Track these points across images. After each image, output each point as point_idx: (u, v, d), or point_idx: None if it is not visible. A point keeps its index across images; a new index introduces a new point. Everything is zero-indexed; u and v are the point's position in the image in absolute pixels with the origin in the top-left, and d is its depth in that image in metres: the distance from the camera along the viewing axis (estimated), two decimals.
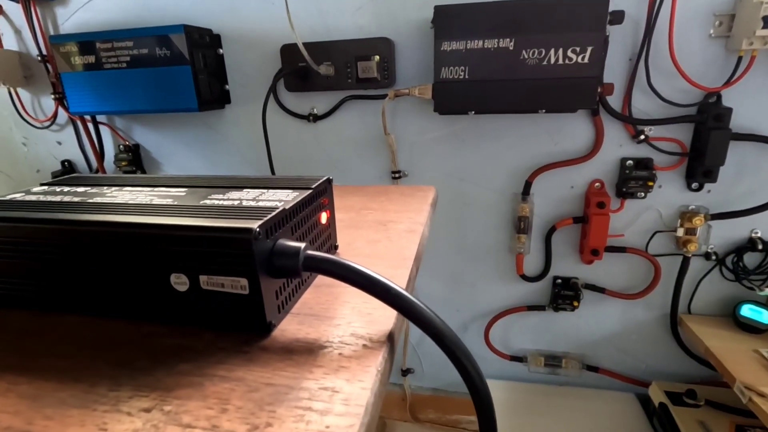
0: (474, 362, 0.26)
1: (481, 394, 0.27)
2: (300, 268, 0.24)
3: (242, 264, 0.23)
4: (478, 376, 0.26)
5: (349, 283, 0.24)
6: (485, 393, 0.27)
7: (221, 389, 0.20)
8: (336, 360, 0.22)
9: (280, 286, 0.25)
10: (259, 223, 0.23)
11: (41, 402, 0.20)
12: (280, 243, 0.24)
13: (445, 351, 0.25)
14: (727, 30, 0.77)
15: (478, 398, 0.27)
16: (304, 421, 0.18)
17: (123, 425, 0.18)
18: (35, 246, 0.26)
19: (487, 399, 0.27)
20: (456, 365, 0.25)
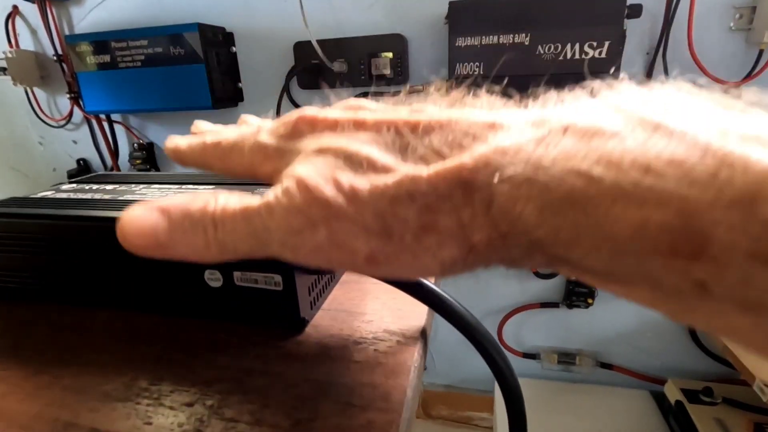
0: (505, 357, 0.26)
1: (511, 388, 0.27)
2: None
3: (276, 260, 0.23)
4: (509, 370, 0.26)
5: (381, 279, 0.24)
6: (516, 387, 0.27)
7: (261, 384, 0.20)
8: (372, 356, 0.22)
9: (312, 281, 0.26)
10: None
11: (86, 395, 0.20)
12: None
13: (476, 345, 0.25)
14: (748, 23, 0.76)
15: (509, 393, 0.27)
16: (346, 416, 0.18)
17: (167, 419, 0.19)
18: (70, 243, 0.27)
19: (518, 393, 0.27)
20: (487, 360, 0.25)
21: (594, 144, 0.11)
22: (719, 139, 0.10)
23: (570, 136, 0.12)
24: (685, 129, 0.10)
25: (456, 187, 0.13)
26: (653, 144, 0.10)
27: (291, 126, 0.17)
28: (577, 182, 0.11)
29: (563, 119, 0.12)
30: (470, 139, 0.13)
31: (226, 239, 0.16)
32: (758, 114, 0.11)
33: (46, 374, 0.22)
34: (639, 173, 0.10)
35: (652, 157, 0.10)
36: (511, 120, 0.13)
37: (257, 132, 0.18)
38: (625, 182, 0.10)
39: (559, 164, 0.11)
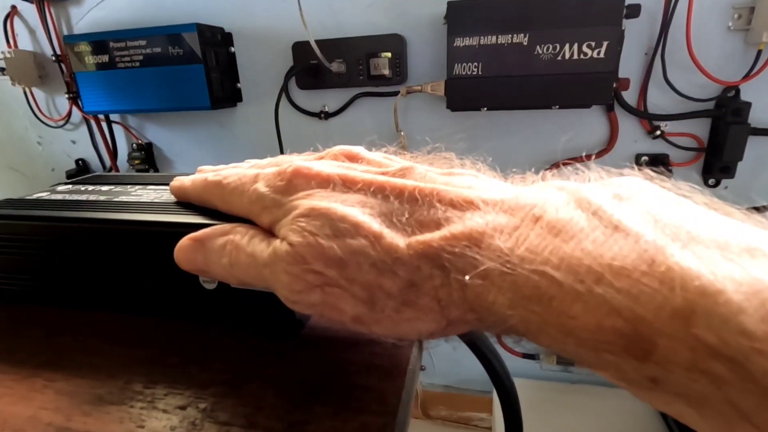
0: (500, 359, 0.26)
1: (507, 390, 0.27)
2: None
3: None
4: (505, 373, 0.26)
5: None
6: (511, 389, 0.27)
7: (255, 387, 0.20)
8: (368, 358, 0.22)
9: None
10: None
11: (79, 399, 0.20)
12: None
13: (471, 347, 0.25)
14: (747, 23, 0.76)
15: (505, 395, 0.27)
16: (341, 419, 0.18)
17: (160, 422, 0.19)
18: (64, 245, 0.27)
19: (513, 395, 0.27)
20: (482, 362, 0.25)
21: (557, 243, 0.13)
22: (667, 248, 0.11)
23: (538, 230, 0.13)
24: (639, 232, 0.12)
25: (435, 267, 0.14)
26: (609, 247, 0.12)
27: (287, 180, 0.18)
28: (541, 281, 0.12)
29: (535, 210, 0.14)
30: (449, 214, 0.15)
31: (240, 276, 0.19)
32: (690, 209, 0.13)
33: (40, 377, 0.22)
34: (593, 282, 0.11)
35: (606, 264, 0.11)
36: (489, 200, 0.15)
37: (255, 179, 0.20)
38: (581, 288, 0.12)
39: (526, 262, 0.13)
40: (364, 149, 0.21)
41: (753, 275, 0.10)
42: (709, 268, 0.10)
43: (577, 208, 0.13)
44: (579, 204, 0.13)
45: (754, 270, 0.10)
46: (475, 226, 0.14)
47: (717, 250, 0.11)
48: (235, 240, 0.19)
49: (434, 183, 0.16)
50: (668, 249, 0.11)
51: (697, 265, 0.11)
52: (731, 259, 0.11)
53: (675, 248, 0.11)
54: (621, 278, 0.11)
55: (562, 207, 0.13)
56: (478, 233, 0.14)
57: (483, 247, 0.13)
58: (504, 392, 0.26)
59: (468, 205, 0.15)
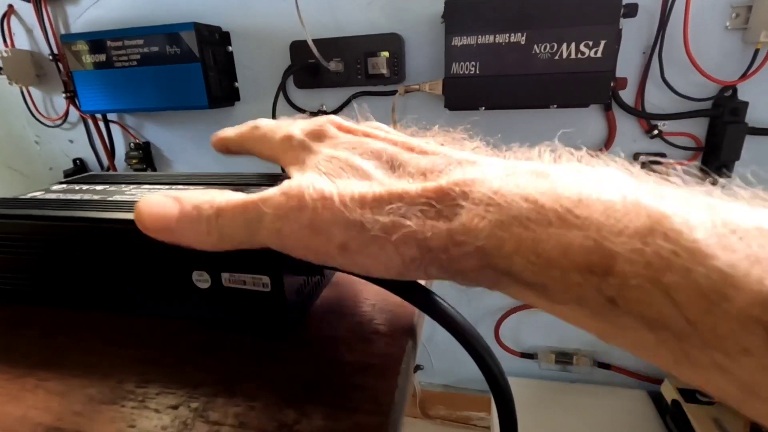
0: (495, 359, 0.26)
1: (503, 391, 0.27)
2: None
3: (265, 261, 0.23)
4: (500, 373, 0.26)
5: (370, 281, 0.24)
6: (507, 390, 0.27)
7: (247, 386, 0.20)
8: (361, 357, 0.22)
9: (301, 283, 0.25)
10: None
11: (70, 398, 0.20)
12: None
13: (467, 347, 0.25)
14: (744, 22, 0.76)
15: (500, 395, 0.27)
16: (333, 419, 0.18)
17: (151, 422, 0.19)
18: (57, 244, 0.26)
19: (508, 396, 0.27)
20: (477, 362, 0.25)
21: (542, 180, 0.14)
22: (636, 192, 0.13)
23: (527, 175, 0.15)
24: (619, 182, 0.14)
25: (430, 204, 0.15)
26: (588, 186, 0.13)
27: (319, 125, 0.21)
28: (524, 205, 0.14)
29: (528, 165, 0.16)
30: (451, 167, 0.17)
31: (224, 227, 0.18)
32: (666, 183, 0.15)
33: (32, 377, 0.22)
34: (571, 204, 0.13)
35: (585, 194, 0.13)
36: (487, 160, 0.17)
37: (291, 123, 0.22)
38: (561, 209, 0.13)
39: (515, 191, 0.14)
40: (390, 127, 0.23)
41: (711, 206, 0.12)
42: (673, 203, 0.12)
43: (567, 168, 0.15)
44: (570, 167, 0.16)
45: (716, 210, 0.12)
46: (473, 175, 0.16)
47: (685, 199, 0.12)
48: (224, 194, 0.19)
49: (446, 149, 0.19)
50: (641, 192, 0.13)
51: (664, 203, 0.12)
52: (694, 203, 0.12)
53: (648, 194, 0.13)
54: (596, 204, 0.13)
55: (554, 165, 0.16)
56: (473, 178, 0.15)
57: (476, 184, 0.15)
58: (498, 391, 0.26)
59: (470, 163, 0.17)
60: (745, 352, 0.10)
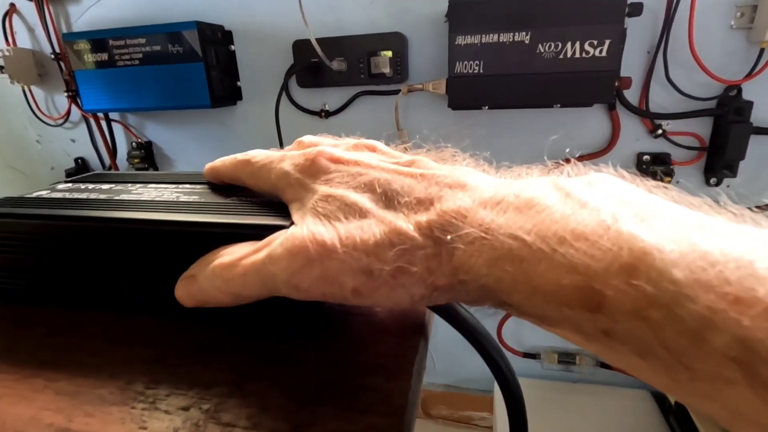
0: (505, 358, 0.26)
1: (512, 390, 0.26)
2: None
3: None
4: (510, 371, 0.26)
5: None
6: (516, 389, 0.27)
7: (259, 387, 0.20)
8: (372, 358, 0.22)
9: None
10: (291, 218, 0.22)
11: (81, 399, 0.20)
12: None
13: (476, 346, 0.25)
14: (749, 21, 0.76)
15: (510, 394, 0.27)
16: (346, 420, 0.18)
17: (163, 423, 0.18)
18: (66, 243, 0.26)
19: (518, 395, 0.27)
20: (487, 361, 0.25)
21: (531, 214, 0.15)
22: (623, 219, 0.13)
23: (516, 204, 0.15)
24: (600, 206, 0.14)
25: (427, 238, 0.16)
26: (574, 218, 0.14)
27: (311, 161, 0.21)
28: (514, 244, 0.14)
29: (516, 190, 0.16)
30: (443, 193, 0.17)
31: (242, 291, 0.20)
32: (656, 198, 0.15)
33: (41, 377, 0.21)
34: (557, 244, 0.13)
35: (569, 230, 0.13)
36: (480, 184, 0.17)
37: (282, 159, 0.22)
38: (547, 249, 0.14)
39: (503, 228, 0.15)
40: (381, 143, 0.23)
41: (693, 241, 0.12)
42: (656, 234, 0.12)
43: (553, 189, 0.15)
44: (555, 187, 0.16)
45: (696, 237, 0.12)
46: (462, 204, 0.16)
47: (668, 223, 0.13)
48: (225, 259, 0.20)
49: (436, 170, 0.19)
50: (623, 219, 0.13)
51: (645, 231, 0.12)
52: (678, 229, 0.12)
53: (629, 219, 0.13)
54: (580, 241, 0.13)
55: (540, 189, 0.16)
56: (465, 208, 0.16)
57: (467, 218, 0.16)
58: (509, 391, 0.26)
59: (461, 187, 0.17)
60: (729, 383, 0.11)
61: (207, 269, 0.21)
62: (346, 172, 0.20)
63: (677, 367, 0.12)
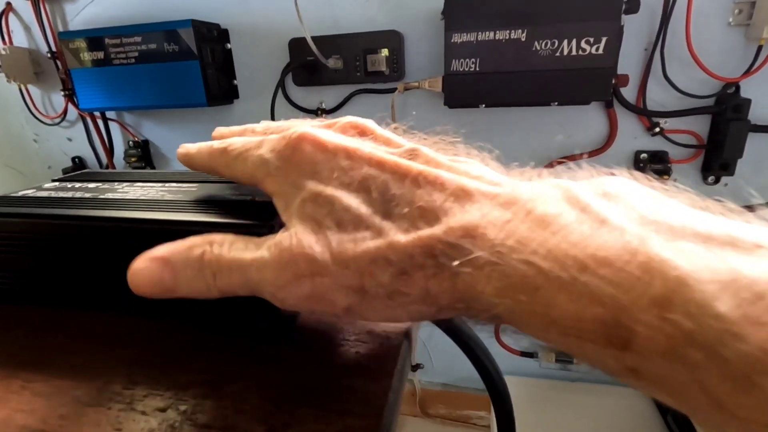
0: (491, 357, 0.25)
1: (499, 389, 0.26)
2: None
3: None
4: (496, 372, 0.26)
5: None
6: (503, 388, 0.27)
7: (238, 388, 0.20)
8: (354, 358, 0.21)
9: None
10: (276, 218, 0.22)
11: (56, 401, 0.20)
12: None
13: (461, 346, 0.25)
14: (747, 18, 0.75)
15: (496, 394, 0.26)
16: (324, 422, 0.18)
17: (138, 425, 0.18)
18: (46, 243, 0.26)
19: (505, 394, 0.27)
20: (472, 360, 0.25)
21: (546, 235, 0.13)
22: (650, 240, 0.11)
23: (528, 223, 0.13)
24: (624, 226, 0.12)
25: (428, 257, 0.14)
26: (594, 240, 0.12)
27: (291, 147, 0.18)
28: (528, 271, 0.12)
29: (528, 205, 0.14)
30: (447, 204, 0.15)
31: (224, 286, 0.18)
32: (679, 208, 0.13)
33: (18, 378, 0.21)
34: (577, 271, 0.12)
35: (590, 254, 0.12)
36: (487, 193, 0.15)
37: (260, 145, 0.19)
38: (566, 277, 0.12)
39: (515, 253, 0.13)
40: (375, 123, 0.21)
41: (731, 265, 0.10)
42: (689, 259, 0.11)
43: (567, 203, 0.14)
44: (569, 200, 0.14)
45: (733, 260, 0.10)
46: (470, 219, 0.14)
47: (699, 243, 0.11)
48: (214, 249, 0.18)
49: (439, 168, 0.16)
50: (651, 241, 0.11)
51: (678, 256, 0.11)
52: (712, 250, 0.11)
53: (657, 241, 0.11)
54: (604, 267, 0.11)
55: (553, 202, 0.14)
56: (473, 226, 0.14)
57: (476, 239, 0.14)
58: (495, 390, 0.26)
59: (467, 197, 0.15)
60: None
61: (192, 255, 0.18)
62: (336, 164, 0.17)
63: (719, 414, 0.10)
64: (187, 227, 0.23)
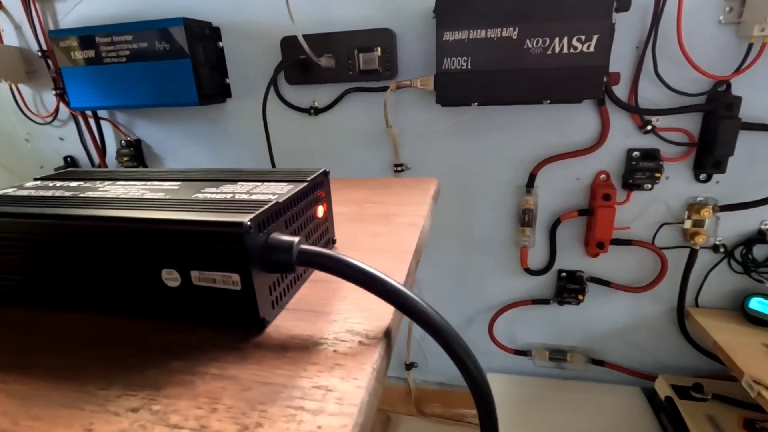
0: (473, 356, 0.25)
1: (481, 389, 0.26)
2: (294, 262, 0.23)
3: (234, 259, 0.22)
4: (478, 371, 0.26)
5: (344, 278, 0.23)
6: (485, 388, 0.27)
7: (212, 388, 0.20)
8: (331, 357, 0.21)
9: (274, 281, 0.25)
10: (250, 217, 0.22)
11: (30, 401, 0.19)
12: (273, 237, 0.24)
13: (443, 346, 0.24)
14: (738, 16, 0.75)
15: (479, 394, 0.26)
16: (296, 421, 0.18)
17: (110, 426, 0.18)
18: (26, 241, 0.26)
19: (488, 395, 0.27)
20: (454, 360, 0.25)
21: None
22: None
23: None
24: None
25: None
26: None
27: None
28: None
29: None
30: None
31: None
32: None
33: None
34: None
35: None
36: None
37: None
38: None
39: None
40: None
41: None
42: None
43: None
44: None
45: None
46: None
47: None
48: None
49: None
50: None
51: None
52: None
53: None
54: None
55: None
56: None
57: None
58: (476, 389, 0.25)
59: None
60: None
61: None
62: None
63: None
64: (162, 225, 0.23)
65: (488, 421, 0.27)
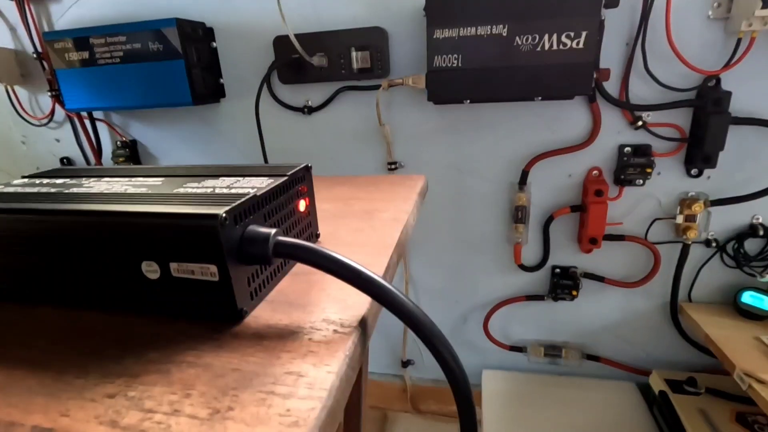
0: (451, 349, 0.26)
1: (459, 383, 0.27)
2: (270, 254, 0.24)
3: (210, 250, 0.23)
4: (456, 365, 0.26)
5: (321, 269, 0.24)
6: (464, 382, 0.27)
7: (187, 375, 0.20)
8: (305, 345, 0.22)
9: (252, 272, 0.25)
10: (226, 209, 0.22)
11: (7, 391, 0.20)
12: (250, 229, 0.24)
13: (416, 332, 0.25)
14: (726, 11, 0.76)
15: (457, 387, 0.27)
16: (266, 405, 0.18)
17: (85, 411, 0.18)
18: (7, 237, 0.26)
19: (466, 388, 0.27)
20: (433, 353, 0.25)
21: None
22: None
23: None
24: None
25: None
26: None
27: None
28: None
29: None
30: None
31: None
32: None
33: None
34: None
35: None
36: None
37: None
38: None
39: None
40: None
41: None
42: None
43: None
44: None
45: None
46: None
47: None
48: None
49: None
50: None
51: None
52: None
53: None
54: None
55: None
56: None
57: None
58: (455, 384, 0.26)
59: None
60: None
61: None
62: None
63: None
64: (141, 218, 0.23)
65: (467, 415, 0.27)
